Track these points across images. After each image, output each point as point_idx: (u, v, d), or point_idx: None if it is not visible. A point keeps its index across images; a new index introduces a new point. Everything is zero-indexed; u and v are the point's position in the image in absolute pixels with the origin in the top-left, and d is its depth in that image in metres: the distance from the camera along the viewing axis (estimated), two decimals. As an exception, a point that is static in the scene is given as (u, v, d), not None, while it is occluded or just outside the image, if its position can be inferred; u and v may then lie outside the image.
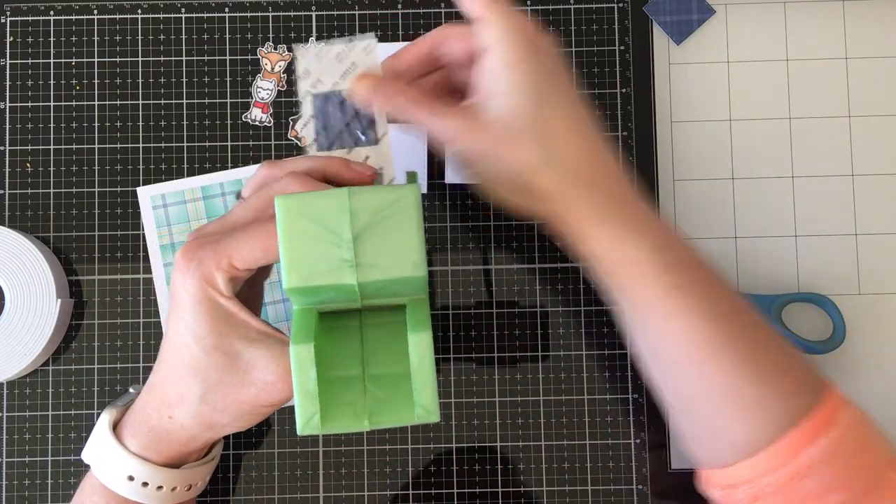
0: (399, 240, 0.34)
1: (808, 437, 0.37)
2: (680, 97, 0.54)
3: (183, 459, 0.41)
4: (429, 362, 0.34)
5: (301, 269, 0.33)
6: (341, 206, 0.34)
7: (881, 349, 0.52)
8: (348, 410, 0.35)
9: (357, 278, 0.33)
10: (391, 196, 0.34)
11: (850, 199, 0.53)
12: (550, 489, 0.51)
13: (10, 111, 0.53)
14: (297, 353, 0.33)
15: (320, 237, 0.33)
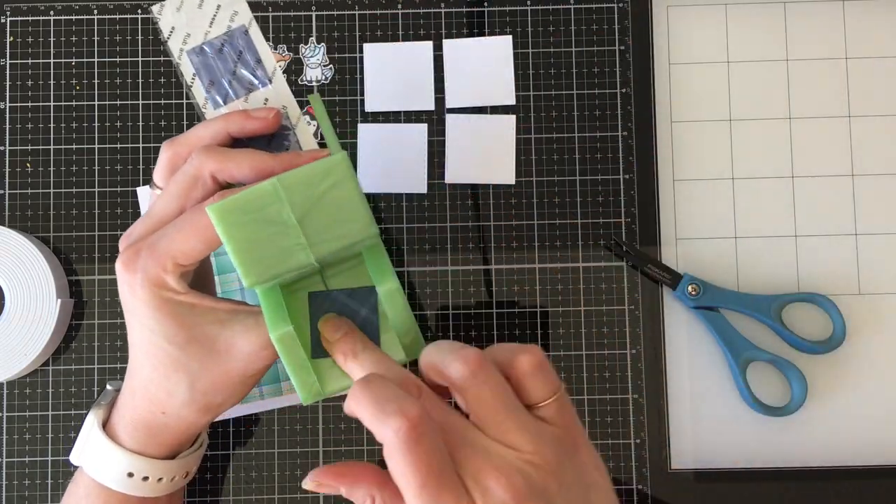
0: (343, 208, 0.34)
1: None
2: (680, 97, 0.54)
3: (179, 449, 0.41)
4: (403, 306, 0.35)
5: (257, 266, 0.34)
6: (275, 197, 0.33)
7: (881, 349, 0.52)
8: (337, 369, 0.35)
9: (311, 256, 0.34)
10: (321, 170, 0.34)
11: (850, 199, 0.53)
12: (550, 489, 0.51)
13: (10, 111, 0.53)
14: (278, 339, 0.34)
15: (265, 230, 0.33)
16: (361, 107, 0.53)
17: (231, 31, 0.40)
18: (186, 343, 0.36)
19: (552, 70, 0.53)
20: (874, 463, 0.51)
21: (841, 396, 0.52)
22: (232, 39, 0.39)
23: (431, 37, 0.53)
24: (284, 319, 0.34)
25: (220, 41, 0.39)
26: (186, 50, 0.39)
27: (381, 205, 0.53)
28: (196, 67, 0.39)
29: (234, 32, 0.40)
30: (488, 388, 0.31)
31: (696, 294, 0.51)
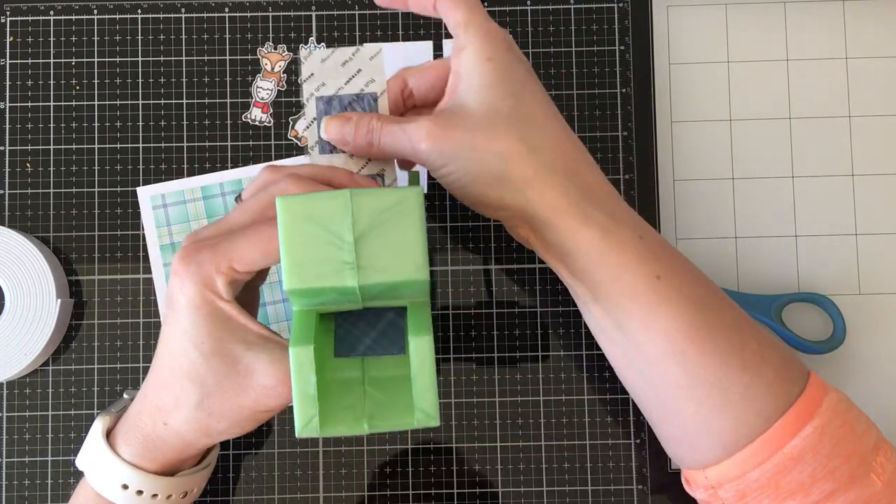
0: (401, 242, 0.33)
1: (793, 428, 0.36)
2: (680, 97, 0.54)
3: (178, 467, 0.40)
4: (429, 366, 0.33)
5: (301, 270, 0.33)
6: (343, 208, 0.33)
7: (881, 349, 0.52)
8: (348, 413, 0.34)
9: (358, 281, 0.33)
10: (393, 198, 0.33)
11: (850, 199, 0.53)
12: (550, 489, 0.51)
13: (10, 111, 0.53)
14: (296, 355, 0.33)
15: (321, 239, 0.33)
16: (361, 107, 0.53)
17: (362, 94, 0.41)
18: (210, 353, 0.36)
19: (552, 70, 0.53)
20: (874, 463, 0.51)
21: (841, 396, 0.52)
22: (361, 101, 0.41)
23: (431, 37, 0.53)
24: (309, 339, 0.33)
25: (349, 98, 0.41)
26: (317, 95, 0.41)
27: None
28: (319, 113, 0.41)
29: (364, 96, 0.41)
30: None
31: (696, 294, 0.51)
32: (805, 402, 0.37)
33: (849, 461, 0.36)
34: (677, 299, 0.37)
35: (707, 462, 0.38)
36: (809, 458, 0.36)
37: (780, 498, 0.36)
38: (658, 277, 0.37)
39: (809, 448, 0.36)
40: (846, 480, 0.36)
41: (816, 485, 0.36)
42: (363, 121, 0.39)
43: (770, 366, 0.37)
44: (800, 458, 0.36)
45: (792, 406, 0.37)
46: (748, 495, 0.37)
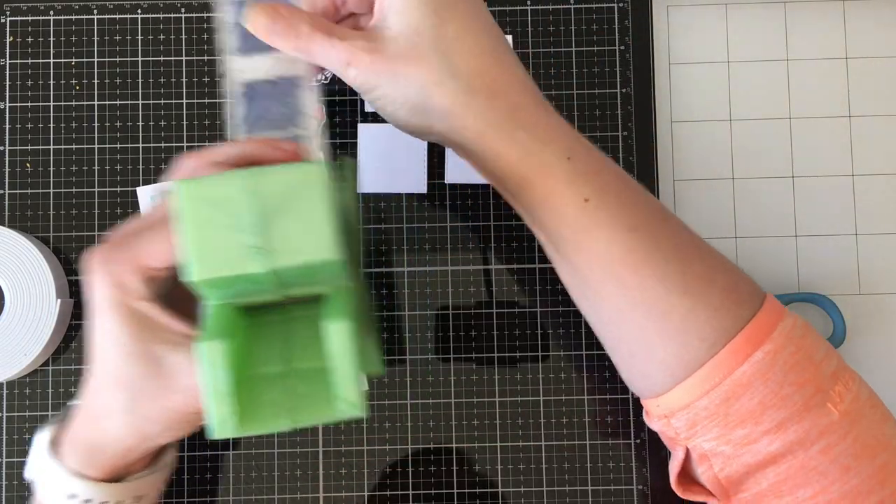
0: (309, 221, 0.31)
1: (741, 354, 0.34)
2: (680, 97, 0.54)
3: (125, 471, 0.39)
4: (348, 353, 0.31)
5: (205, 259, 0.31)
6: (244, 189, 0.31)
7: (881, 349, 0.52)
8: (268, 410, 0.32)
9: (266, 266, 0.31)
10: (297, 175, 0.31)
11: (850, 199, 0.53)
12: (550, 489, 0.51)
13: (10, 111, 0.53)
14: (203, 350, 0.30)
15: (224, 224, 0.31)
16: (361, 107, 0.53)
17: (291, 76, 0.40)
18: (132, 356, 0.34)
19: (552, 70, 0.53)
20: (874, 463, 0.51)
21: (841, 396, 0.52)
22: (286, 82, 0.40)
23: (431, 37, 0.53)
24: (218, 333, 0.31)
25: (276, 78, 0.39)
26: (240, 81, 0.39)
27: (381, 205, 0.53)
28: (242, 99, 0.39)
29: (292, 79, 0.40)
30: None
31: (696, 294, 0.51)
32: (756, 326, 0.35)
33: (803, 389, 0.34)
34: (609, 223, 0.36)
35: (659, 391, 0.37)
36: (759, 385, 0.34)
37: (729, 426, 0.35)
38: (586, 200, 0.36)
39: (759, 374, 0.34)
40: (799, 409, 0.34)
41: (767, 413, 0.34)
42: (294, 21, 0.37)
43: (716, 289, 0.36)
44: (749, 385, 0.34)
45: (741, 331, 0.35)
46: (698, 424, 0.35)
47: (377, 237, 0.52)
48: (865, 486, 0.34)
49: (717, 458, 0.36)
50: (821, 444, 0.34)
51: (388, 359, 0.52)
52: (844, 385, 0.35)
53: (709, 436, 0.36)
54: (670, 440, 0.38)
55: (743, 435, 0.35)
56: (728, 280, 0.37)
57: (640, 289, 0.36)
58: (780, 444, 0.34)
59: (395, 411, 0.51)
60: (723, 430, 0.35)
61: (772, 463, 0.34)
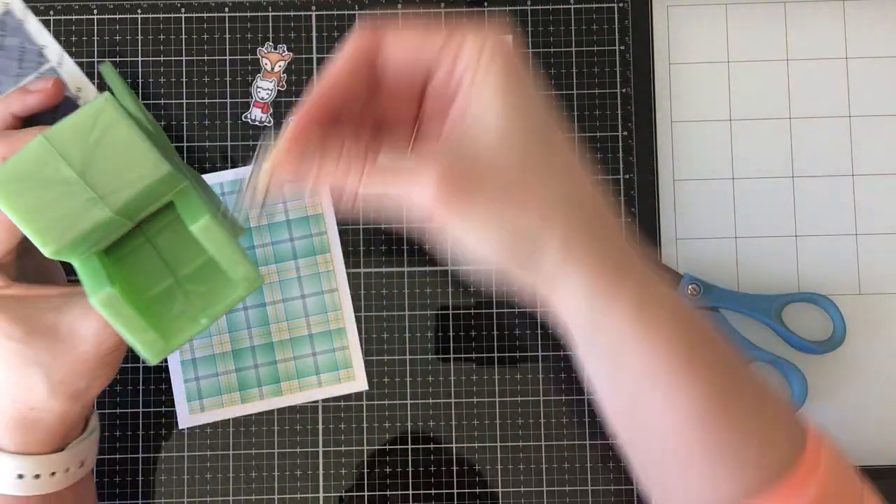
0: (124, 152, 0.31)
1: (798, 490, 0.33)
2: (680, 97, 0.54)
3: (64, 440, 0.40)
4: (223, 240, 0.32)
5: (50, 232, 0.31)
6: (48, 153, 0.31)
7: (881, 349, 0.52)
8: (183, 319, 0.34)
9: (109, 209, 0.32)
10: (89, 117, 0.32)
11: (850, 199, 0.53)
12: (550, 489, 0.51)
13: (9, 111, 0.53)
14: (99, 302, 0.32)
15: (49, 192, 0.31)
16: (361, 107, 0.53)
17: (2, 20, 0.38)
18: (27, 336, 0.35)
19: (552, 70, 0.53)
20: (874, 463, 0.51)
21: (841, 396, 0.52)
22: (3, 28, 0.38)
23: (431, 37, 0.53)
24: (102, 282, 0.32)
25: None
26: None
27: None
28: None
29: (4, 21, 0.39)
30: None
31: (696, 294, 0.51)
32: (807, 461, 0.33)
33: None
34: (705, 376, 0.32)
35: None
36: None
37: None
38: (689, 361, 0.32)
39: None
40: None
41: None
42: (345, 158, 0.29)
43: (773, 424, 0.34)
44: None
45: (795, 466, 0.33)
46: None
47: (377, 237, 0.52)
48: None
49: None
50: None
51: (387, 359, 0.52)
52: None
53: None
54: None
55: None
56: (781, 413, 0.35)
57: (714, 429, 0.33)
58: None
59: (394, 411, 0.51)
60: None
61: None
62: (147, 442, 0.51)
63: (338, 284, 0.52)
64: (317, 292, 0.52)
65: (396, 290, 0.52)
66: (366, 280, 0.52)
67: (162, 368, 0.51)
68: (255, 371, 0.51)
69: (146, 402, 0.51)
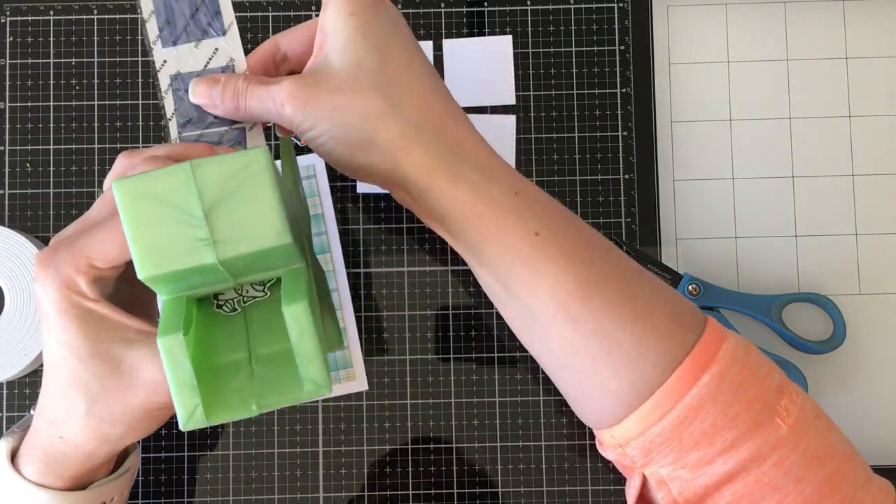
0: (255, 209, 0.31)
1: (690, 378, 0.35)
2: (680, 97, 0.54)
3: (88, 478, 0.38)
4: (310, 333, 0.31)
5: (154, 255, 0.30)
6: (186, 182, 0.31)
7: (881, 349, 0.52)
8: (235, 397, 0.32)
9: (216, 256, 0.31)
10: (239, 162, 0.31)
11: (850, 199, 0.53)
12: (550, 489, 0.51)
13: (10, 111, 0.53)
14: (164, 345, 0.30)
15: (169, 218, 0.31)
16: (361, 107, 0.53)
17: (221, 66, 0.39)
18: (89, 357, 0.34)
19: (552, 70, 0.53)
20: (874, 463, 0.51)
21: (841, 396, 0.52)
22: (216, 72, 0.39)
23: (431, 37, 0.53)
24: (176, 326, 0.31)
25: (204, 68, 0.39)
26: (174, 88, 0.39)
27: (381, 205, 0.53)
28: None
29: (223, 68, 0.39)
30: None
31: (696, 294, 0.51)
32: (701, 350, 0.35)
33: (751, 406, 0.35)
34: (559, 256, 0.35)
35: (612, 420, 0.37)
36: (710, 407, 0.34)
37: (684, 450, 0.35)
38: (537, 234, 0.36)
39: (709, 396, 0.34)
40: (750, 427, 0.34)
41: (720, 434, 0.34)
42: (230, 82, 0.38)
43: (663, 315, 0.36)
44: (700, 408, 0.34)
45: (688, 355, 0.35)
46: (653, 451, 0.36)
47: (377, 237, 0.52)
48: (818, 494, 0.34)
49: (675, 482, 0.36)
50: (773, 458, 0.34)
51: (388, 359, 0.52)
52: (790, 398, 0.36)
53: (664, 461, 0.36)
54: (626, 468, 0.38)
55: (698, 457, 0.35)
56: (673, 306, 0.37)
57: (591, 320, 0.35)
58: (735, 462, 0.34)
59: (395, 411, 0.51)
60: (678, 455, 0.35)
61: (728, 482, 0.35)
62: (147, 442, 0.51)
63: (338, 284, 0.52)
64: (317, 292, 0.52)
65: (396, 290, 0.52)
66: (366, 280, 0.52)
67: (162, 368, 0.51)
68: (255, 371, 0.51)
69: (146, 402, 0.51)
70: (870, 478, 0.36)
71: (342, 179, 0.52)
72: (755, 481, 0.35)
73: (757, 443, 0.34)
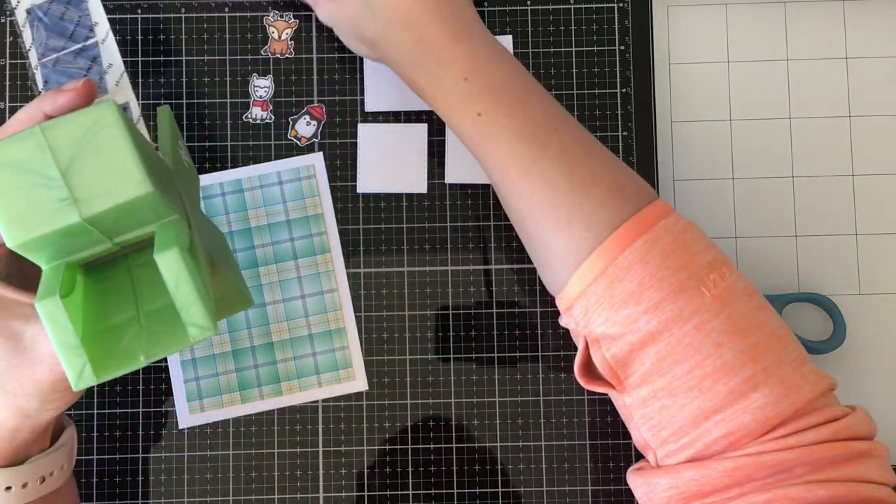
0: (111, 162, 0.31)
1: (624, 241, 0.38)
2: (680, 97, 0.54)
3: (22, 454, 0.38)
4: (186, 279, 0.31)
5: (19, 223, 0.31)
6: (39, 146, 0.31)
7: (881, 349, 0.52)
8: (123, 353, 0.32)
9: (80, 215, 0.31)
10: (88, 120, 0.31)
11: (850, 199, 0.53)
12: (550, 489, 0.51)
13: (10, 111, 0.53)
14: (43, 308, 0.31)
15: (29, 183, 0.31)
16: (361, 107, 0.53)
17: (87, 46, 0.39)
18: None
19: (552, 70, 0.53)
20: (874, 463, 0.51)
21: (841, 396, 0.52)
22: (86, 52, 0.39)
23: (431, 37, 0.53)
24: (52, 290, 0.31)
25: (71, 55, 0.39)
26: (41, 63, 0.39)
27: (381, 205, 0.53)
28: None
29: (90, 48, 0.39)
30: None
31: (696, 294, 0.51)
32: (639, 219, 0.39)
33: (678, 273, 0.38)
34: (500, 134, 0.40)
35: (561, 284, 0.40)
36: (638, 268, 0.38)
37: (614, 308, 0.38)
38: (479, 115, 0.41)
39: (639, 258, 0.38)
40: (675, 290, 0.37)
41: (646, 293, 0.37)
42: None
43: (602, 188, 0.40)
44: (629, 268, 0.38)
45: (625, 223, 0.39)
46: (590, 310, 0.39)
47: (377, 237, 0.52)
48: (738, 360, 0.37)
49: (606, 340, 0.39)
50: (694, 321, 0.37)
51: (388, 359, 0.52)
52: (720, 275, 0.38)
53: (599, 320, 0.39)
54: (574, 333, 0.41)
55: (626, 315, 0.38)
56: (614, 181, 0.40)
57: (529, 189, 0.40)
58: (658, 321, 0.37)
59: (395, 411, 0.51)
60: (609, 313, 0.38)
61: (651, 342, 0.37)
62: (147, 442, 0.51)
63: (338, 284, 0.52)
64: (317, 292, 0.52)
65: (396, 290, 0.52)
66: (366, 280, 0.52)
67: (162, 368, 0.51)
68: (255, 371, 0.51)
69: (146, 402, 0.51)
70: (804, 361, 0.38)
71: (342, 179, 0.52)
72: (676, 342, 0.37)
73: (679, 304, 0.37)
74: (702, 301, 0.37)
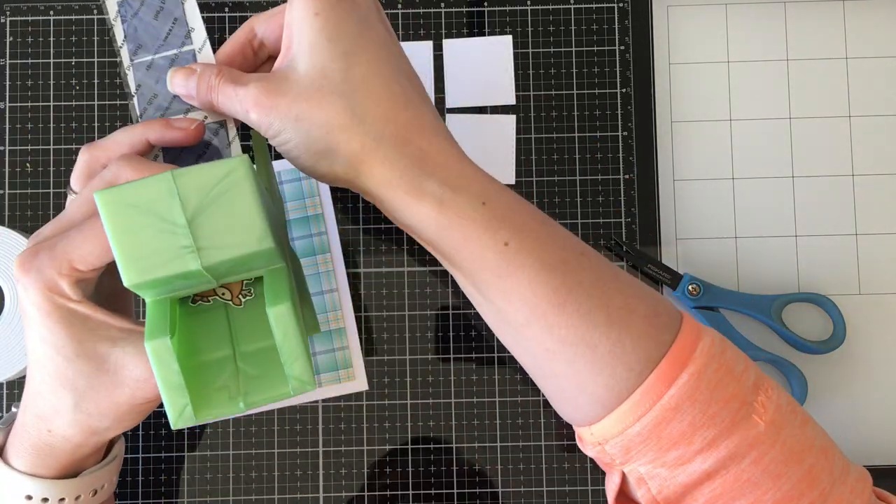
0: (237, 215, 0.32)
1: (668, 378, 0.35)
2: (680, 97, 0.54)
3: (78, 467, 0.39)
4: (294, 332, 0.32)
5: (138, 263, 0.31)
6: (168, 191, 0.31)
7: (881, 349, 0.52)
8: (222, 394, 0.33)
9: (200, 263, 0.31)
10: (220, 171, 0.32)
11: (850, 199, 0.53)
12: (550, 489, 0.51)
13: (9, 111, 0.53)
14: (152, 349, 0.31)
15: (153, 227, 0.31)
16: (361, 107, 0.53)
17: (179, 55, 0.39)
18: (75, 356, 0.35)
19: (552, 70, 0.53)
20: (874, 463, 0.51)
21: (841, 396, 0.52)
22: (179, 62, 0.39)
23: (431, 37, 0.53)
24: (163, 330, 0.32)
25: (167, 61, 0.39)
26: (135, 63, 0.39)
27: (381, 205, 0.53)
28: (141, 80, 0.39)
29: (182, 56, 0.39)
30: None
31: (696, 294, 0.51)
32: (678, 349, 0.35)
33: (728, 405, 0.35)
34: (530, 265, 0.35)
35: (591, 419, 0.37)
36: (688, 407, 0.34)
37: (662, 449, 0.35)
38: (506, 244, 0.35)
39: (686, 396, 0.34)
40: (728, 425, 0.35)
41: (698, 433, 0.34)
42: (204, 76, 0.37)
43: (638, 317, 0.36)
44: (678, 408, 0.34)
45: (665, 355, 0.35)
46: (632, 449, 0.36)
47: (377, 237, 0.52)
48: (796, 490, 0.35)
49: (654, 480, 0.36)
50: (751, 456, 0.35)
51: (388, 359, 0.52)
52: (766, 394, 0.36)
53: (644, 460, 0.36)
54: (606, 465, 0.38)
55: (677, 456, 0.35)
56: (648, 307, 0.36)
57: (566, 326, 0.35)
58: (713, 461, 0.35)
59: (395, 411, 0.51)
60: (657, 454, 0.35)
61: (707, 480, 0.35)
62: (147, 442, 0.51)
63: (338, 284, 0.52)
64: (317, 292, 0.52)
65: (396, 290, 0.52)
66: (366, 280, 0.52)
67: (162, 368, 0.51)
68: (255, 371, 0.51)
69: (146, 402, 0.51)
70: (846, 468, 0.36)
71: (342, 179, 0.53)
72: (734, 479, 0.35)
73: (735, 441, 0.34)
74: (756, 433, 0.35)
